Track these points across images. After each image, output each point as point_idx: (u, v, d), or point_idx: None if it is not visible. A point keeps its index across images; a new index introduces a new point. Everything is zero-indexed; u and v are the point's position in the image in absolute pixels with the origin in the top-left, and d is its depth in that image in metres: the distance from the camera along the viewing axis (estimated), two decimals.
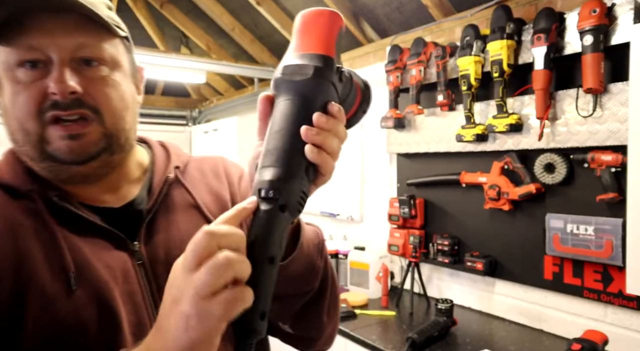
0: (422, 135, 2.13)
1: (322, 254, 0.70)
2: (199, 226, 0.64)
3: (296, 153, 0.46)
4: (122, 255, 0.62)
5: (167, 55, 2.95)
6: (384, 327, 1.85)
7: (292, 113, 0.47)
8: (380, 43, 2.44)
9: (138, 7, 3.25)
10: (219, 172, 0.78)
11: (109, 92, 0.62)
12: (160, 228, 0.66)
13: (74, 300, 0.55)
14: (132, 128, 0.67)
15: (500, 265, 1.89)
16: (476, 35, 1.80)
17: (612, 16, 1.45)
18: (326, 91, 0.49)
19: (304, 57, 0.49)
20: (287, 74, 0.48)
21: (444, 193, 2.10)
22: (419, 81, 2.05)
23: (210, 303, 0.40)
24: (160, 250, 0.64)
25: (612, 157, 1.48)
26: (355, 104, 0.58)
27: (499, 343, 1.66)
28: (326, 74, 0.48)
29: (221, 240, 0.42)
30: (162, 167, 0.72)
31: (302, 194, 0.47)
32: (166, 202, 0.69)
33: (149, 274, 0.63)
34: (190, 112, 4.46)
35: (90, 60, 0.60)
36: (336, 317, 0.77)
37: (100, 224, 0.62)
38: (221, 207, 0.72)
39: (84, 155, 0.60)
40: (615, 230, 1.48)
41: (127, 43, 0.68)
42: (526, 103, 1.73)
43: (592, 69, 1.45)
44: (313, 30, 0.50)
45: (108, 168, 0.65)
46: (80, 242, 0.59)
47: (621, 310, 1.54)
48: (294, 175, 0.46)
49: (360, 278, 2.26)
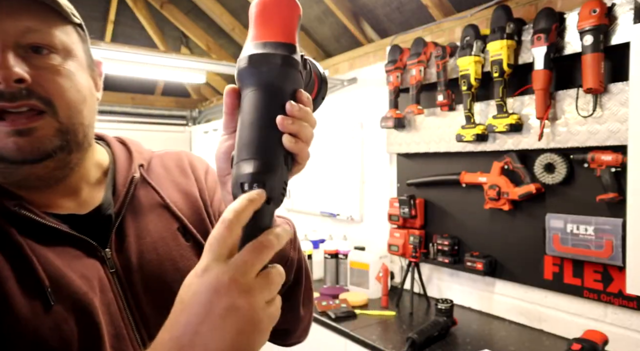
0: (422, 135, 2.13)
1: (295, 246, 0.69)
2: (169, 226, 0.64)
3: (274, 143, 0.46)
4: (95, 263, 0.57)
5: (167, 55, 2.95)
6: (384, 327, 1.85)
7: (264, 104, 0.46)
8: (380, 43, 2.44)
9: (138, 7, 3.25)
10: (184, 168, 0.73)
11: (63, 82, 0.55)
12: (130, 232, 0.61)
13: (54, 315, 0.51)
14: (91, 125, 0.61)
15: (500, 265, 1.89)
16: (476, 35, 1.80)
17: (612, 16, 1.45)
18: (295, 79, 0.48)
19: (267, 45, 0.47)
20: (254, 64, 0.47)
21: (444, 193, 2.10)
22: (419, 81, 2.05)
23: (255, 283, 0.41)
24: (132, 255, 0.60)
25: (612, 157, 1.48)
26: (314, 90, 0.57)
27: (499, 343, 1.66)
28: (293, 62, 0.47)
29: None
30: (124, 166, 0.66)
31: (284, 184, 0.46)
32: (133, 204, 0.64)
33: (123, 282, 0.58)
34: (190, 112, 4.46)
35: (39, 47, 0.54)
36: (311, 307, 0.77)
37: (68, 232, 0.56)
38: (191, 205, 0.69)
39: (37, 153, 0.54)
40: (615, 230, 1.48)
41: (82, 32, 0.61)
42: (526, 103, 1.73)
43: (592, 69, 1.45)
44: (274, 18, 0.48)
45: (66, 170, 0.59)
46: (50, 253, 0.54)
47: (621, 310, 1.54)
48: (275, 166, 0.45)
49: (360, 278, 2.26)
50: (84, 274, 0.55)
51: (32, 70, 0.52)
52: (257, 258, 0.42)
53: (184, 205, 0.68)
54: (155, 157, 0.73)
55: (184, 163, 0.74)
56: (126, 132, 3.80)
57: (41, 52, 0.54)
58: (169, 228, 0.64)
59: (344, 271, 2.37)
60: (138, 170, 0.66)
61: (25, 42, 0.53)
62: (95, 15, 3.17)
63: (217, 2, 3.05)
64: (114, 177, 0.65)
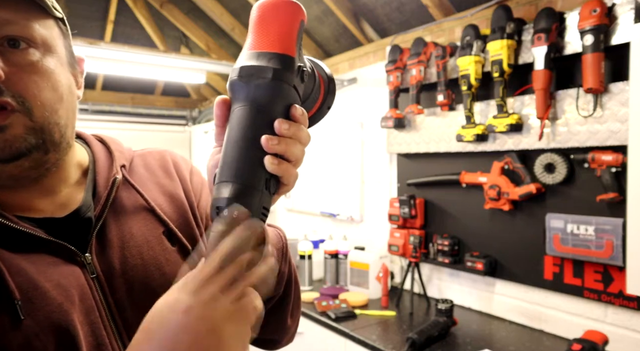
0: (422, 135, 2.13)
1: (285, 258, 0.67)
2: (154, 230, 0.61)
3: (255, 166, 0.43)
4: (75, 270, 0.54)
5: (167, 55, 2.94)
6: (384, 327, 1.85)
7: (249, 122, 0.44)
8: (380, 43, 2.44)
9: (138, 7, 3.25)
10: (168, 169, 0.70)
11: (39, 79, 0.52)
12: (113, 236, 0.58)
13: (24, 330, 0.48)
14: (69, 125, 0.57)
15: (500, 265, 1.89)
16: (476, 35, 1.79)
17: (612, 16, 1.45)
18: (286, 95, 0.45)
19: (261, 56, 0.44)
20: (244, 77, 0.44)
21: (444, 193, 2.10)
22: (419, 81, 2.05)
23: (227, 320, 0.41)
24: (115, 260, 0.57)
25: (612, 157, 1.48)
26: (319, 99, 0.53)
27: (499, 343, 1.66)
28: (286, 76, 0.44)
29: None
30: (105, 166, 0.63)
31: (263, 210, 0.44)
32: (115, 206, 0.61)
33: (104, 288, 0.55)
34: (190, 112, 4.46)
35: (17, 40, 0.50)
36: (298, 316, 0.76)
37: (44, 237, 0.53)
38: (176, 208, 0.66)
39: (9, 152, 0.51)
40: (616, 230, 1.48)
41: (64, 27, 0.58)
42: (526, 103, 1.72)
43: (592, 69, 1.45)
44: (271, 25, 0.45)
45: (42, 170, 0.56)
46: (22, 261, 0.51)
47: (621, 310, 1.54)
48: (253, 191, 0.42)
49: (360, 278, 2.26)
50: (60, 283, 0.52)
51: (7, 66, 0.50)
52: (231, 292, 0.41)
53: (169, 208, 0.65)
54: (136, 157, 0.69)
55: (167, 163, 0.71)
56: (126, 132, 3.81)
57: (19, 46, 0.51)
58: (154, 232, 0.62)
59: (344, 272, 2.37)
60: (120, 170, 0.63)
61: (2, 34, 0.50)
62: (95, 15, 3.17)
63: (217, 2, 3.04)
64: (94, 178, 0.62)
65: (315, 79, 0.51)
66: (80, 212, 0.58)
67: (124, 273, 0.57)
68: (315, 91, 0.52)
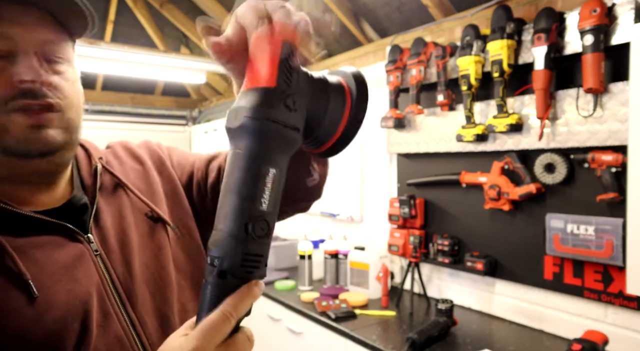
0: (422, 135, 2.13)
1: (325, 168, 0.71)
2: (138, 210, 0.72)
3: (234, 212, 0.43)
4: (79, 247, 0.60)
5: (167, 55, 2.95)
6: (384, 327, 1.85)
7: (229, 170, 0.44)
8: (380, 43, 2.44)
9: (138, 7, 3.25)
10: (137, 156, 0.78)
11: (69, 87, 0.62)
12: (106, 217, 0.66)
13: (37, 306, 0.53)
14: (80, 126, 0.67)
15: (500, 265, 1.89)
16: (476, 35, 1.79)
17: (612, 16, 1.45)
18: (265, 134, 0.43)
19: (242, 96, 0.44)
20: (227, 121, 0.44)
21: (444, 193, 2.10)
22: (419, 81, 2.05)
23: None
24: (111, 238, 0.65)
25: (612, 157, 1.48)
26: (345, 115, 0.48)
27: (499, 344, 1.66)
28: (260, 113, 0.42)
29: None
30: (85, 160, 0.71)
31: (243, 255, 0.43)
32: (102, 192, 0.69)
33: (107, 263, 0.62)
34: (190, 112, 4.46)
35: (52, 56, 0.60)
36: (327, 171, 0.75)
37: (47, 219, 0.59)
38: (152, 190, 0.73)
39: (47, 148, 0.59)
40: (616, 230, 1.48)
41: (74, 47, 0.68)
42: (526, 103, 1.72)
43: (592, 69, 1.45)
44: (253, 60, 0.44)
45: (63, 166, 0.64)
46: (29, 245, 0.56)
47: (621, 310, 1.54)
48: (232, 237, 0.43)
49: (360, 278, 2.26)
50: (66, 261, 0.58)
51: (47, 74, 0.59)
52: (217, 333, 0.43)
53: (147, 189, 0.73)
54: (107, 153, 0.77)
55: (135, 151, 0.79)
56: (126, 132, 3.81)
57: (52, 60, 0.61)
58: (139, 212, 0.70)
59: (344, 272, 2.37)
60: (98, 161, 0.71)
61: (43, 50, 0.59)
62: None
63: (217, 2, 3.05)
64: (78, 172, 0.70)
65: (327, 94, 0.47)
66: (73, 200, 0.65)
67: (121, 249, 0.64)
68: (335, 108, 0.48)
